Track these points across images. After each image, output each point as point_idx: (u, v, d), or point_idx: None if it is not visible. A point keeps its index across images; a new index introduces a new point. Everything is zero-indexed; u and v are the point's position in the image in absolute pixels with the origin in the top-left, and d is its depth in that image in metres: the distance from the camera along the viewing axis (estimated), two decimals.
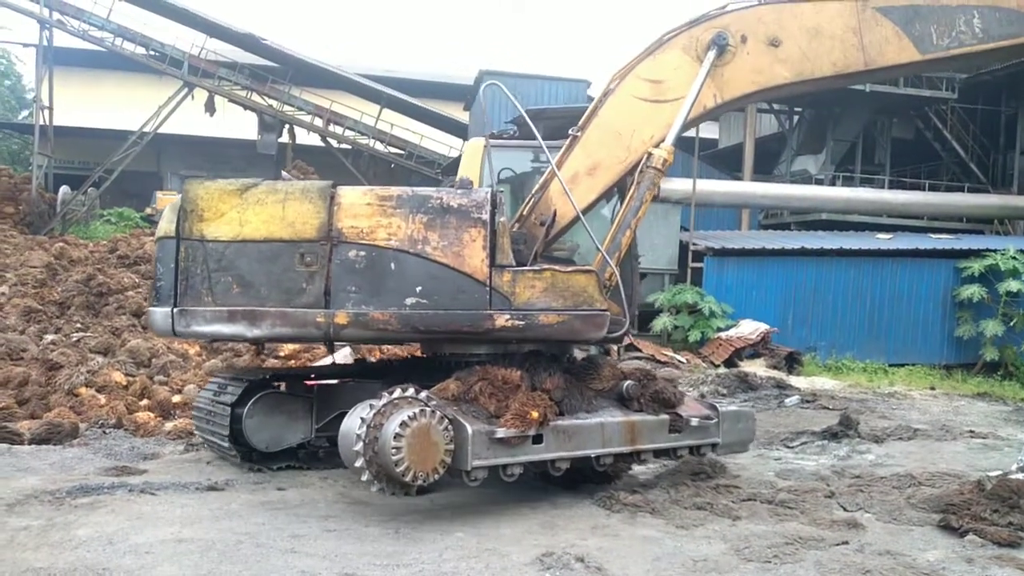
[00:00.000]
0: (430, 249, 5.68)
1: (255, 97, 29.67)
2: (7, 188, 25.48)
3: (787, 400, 11.94)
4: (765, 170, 27.85)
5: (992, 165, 28.34)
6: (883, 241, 19.72)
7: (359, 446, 5.15)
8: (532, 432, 5.57)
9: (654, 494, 6.38)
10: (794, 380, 14.21)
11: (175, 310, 5.74)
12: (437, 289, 5.67)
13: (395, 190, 5.88)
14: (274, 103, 29.89)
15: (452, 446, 5.31)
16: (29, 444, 7.64)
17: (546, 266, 6.04)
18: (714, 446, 6.75)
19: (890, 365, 17.30)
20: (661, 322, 16.93)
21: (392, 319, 5.63)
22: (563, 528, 5.53)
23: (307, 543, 4.95)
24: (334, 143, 30.48)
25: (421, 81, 37.03)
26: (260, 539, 5.01)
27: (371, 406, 5.27)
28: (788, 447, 8.68)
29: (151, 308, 5.99)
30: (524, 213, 6.76)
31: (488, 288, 5.73)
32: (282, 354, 11.81)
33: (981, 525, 5.63)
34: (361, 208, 5.73)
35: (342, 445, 5.51)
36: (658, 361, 14.88)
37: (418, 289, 5.65)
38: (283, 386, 6.90)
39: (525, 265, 5.98)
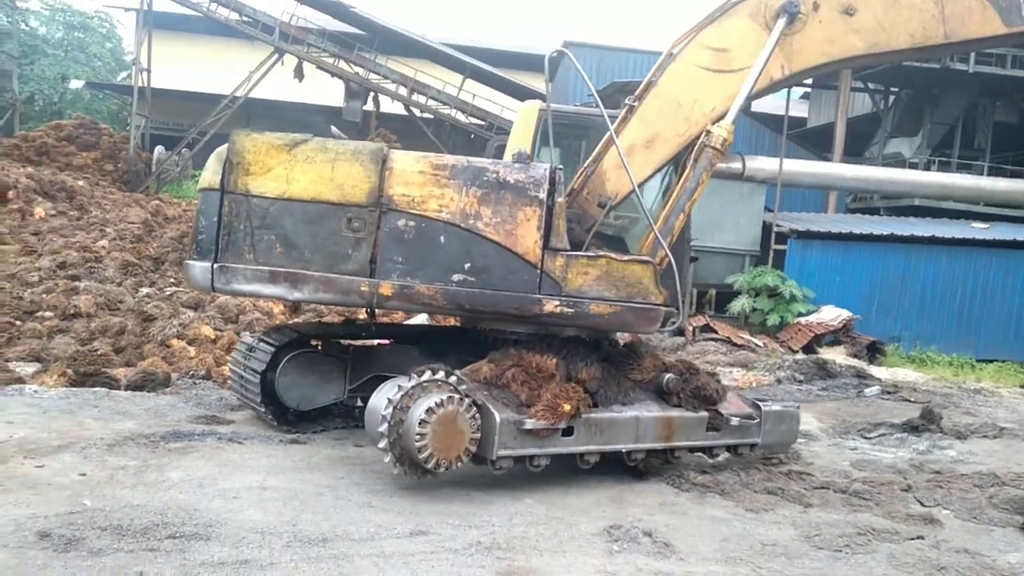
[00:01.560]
0: (482, 225, 5.51)
1: (342, 64, 30.15)
2: (107, 147, 26.69)
3: (867, 390, 11.62)
4: (856, 152, 26.84)
5: None
6: (979, 230, 18.83)
7: (384, 427, 5.07)
8: (563, 425, 5.45)
9: (724, 476, 6.35)
10: (875, 370, 13.81)
11: (215, 265, 5.59)
12: (486, 267, 5.52)
13: (450, 159, 5.70)
14: (360, 71, 30.31)
15: (478, 434, 5.22)
16: (126, 390, 8.11)
17: (602, 253, 5.81)
18: (753, 446, 6.54)
19: (978, 360, 16.60)
20: (739, 304, 16.64)
21: (438, 294, 5.51)
22: (631, 503, 5.58)
23: (383, 499, 5.14)
24: (417, 112, 30.77)
25: (504, 52, 36.94)
26: (339, 492, 5.22)
27: (399, 387, 5.17)
28: (865, 438, 8.48)
29: (190, 261, 5.78)
30: (576, 187, 6.45)
31: (539, 271, 5.56)
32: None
33: None
34: (414, 176, 5.57)
35: (368, 422, 5.46)
36: (734, 344, 14.68)
37: (466, 266, 5.51)
38: (319, 345, 6.82)
39: (576, 245, 5.75)
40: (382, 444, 5.10)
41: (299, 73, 29.58)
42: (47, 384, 8.03)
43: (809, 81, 27.65)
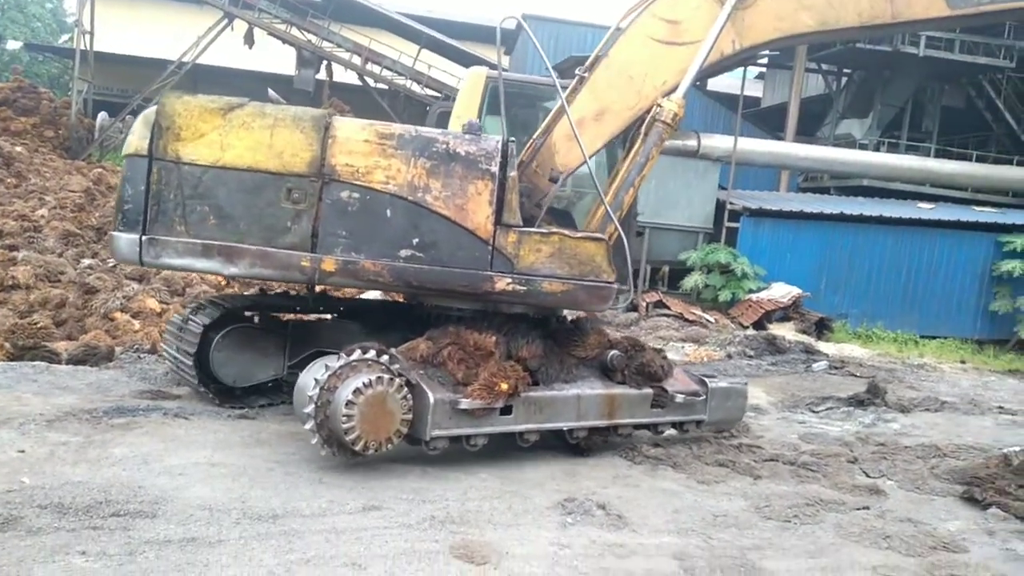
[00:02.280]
0: (431, 198, 5.31)
1: (294, 31, 29.37)
2: (47, 112, 25.66)
3: (815, 365, 11.87)
4: (809, 132, 27.19)
5: None
6: (924, 211, 19.29)
7: (310, 408, 4.91)
8: (500, 404, 5.33)
9: (676, 449, 6.42)
10: (823, 346, 14.10)
11: (144, 238, 5.24)
12: (435, 243, 5.33)
13: (397, 128, 5.44)
14: (313, 38, 29.58)
15: (410, 415, 5.07)
16: (66, 364, 7.85)
17: (555, 229, 5.66)
18: (699, 423, 6.54)
19: (921, 337, 17.09)
20: (692, 280, 16.80)
21: (384, 270, 5.31)
22: (585, 476, 5.60)
23: (334, 475, 5.06)
24: (371, 82, 30.24)
25: (462, 23, 36.44)
26: (289, 468, 5.13)
27: (326, 366, 5.01)
28: (813, 411, 8.66)
29: (115, 233, 5.37)
30: (525, 159, 6.23)
31: (491, 248, 5.40)
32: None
33: (1005, 499, 5.61)
34: (358, 144, 5.31)
35: (296, 401, 5.30)
36: (686, 320, 14.84)
37: (414, 241, 5.31)
38: (256, 319, 6.58)
39: (526, 220, 5.57)
40: (308, 425, 4.96)
41: (249, 39, 28.74)
42: None
43: (764, 61, 27.91)
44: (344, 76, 31.16)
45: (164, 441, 5.45)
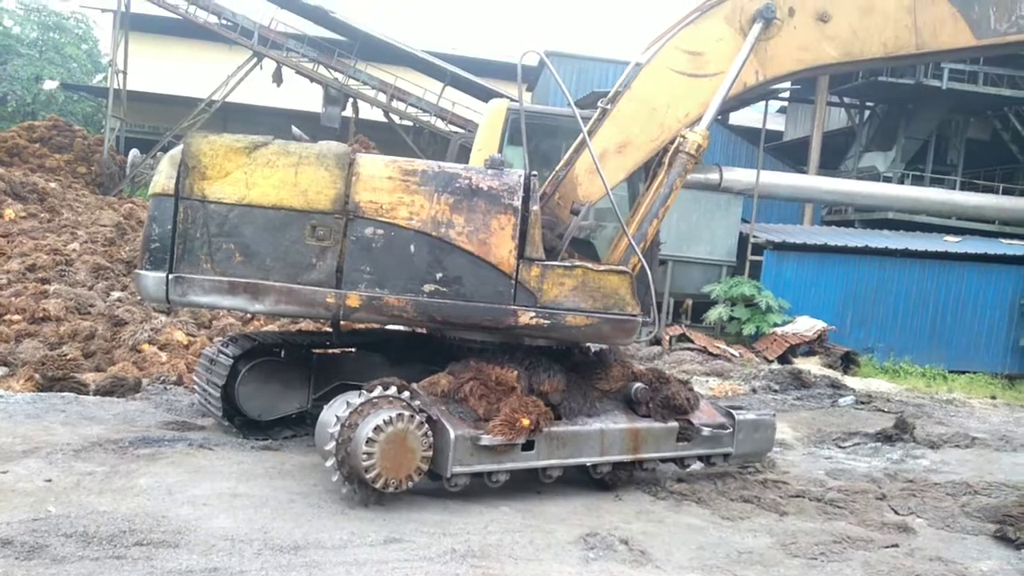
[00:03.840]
0: (454, 234, 5.31)
1: (321, 70, 29.98)
2: (81, 149, 26.31)
3: (841, 400, 11.70)
4: (831, 165, 27.14)
5: None
6: (951, 244, 19.09)
7: (331, 445, 4.91)
8: (522, 440, 5.28)
9: (700, 484, 6.35)
10: (849, 380, 13.91)
11: (170, 276, 5.27)
12: (458, 278, 5.33)
13: (420, 164, 5.48)
14: (339, 76, 30.17)
15: (430, 452, 5.05)
16: (94, 395, 7.94)
17: (578, 263, 5.66)
18: (726, 456, 6.45)
19: (950, 371, 16.79)
20: (716, 313, 16.71)
21: (408, 306, 5.31)
22: (608, 511, 5.55)
23: (357, 507, 5.06)
24: (396, 119, 30.69)
25: (485, 60, 36.98)
26: (311, 499, 5.14)
27: (347, 403, 5.02)
28: (840, 447, 8.53)
29: (141, 272, 5.38)
30: (547, 191, 6.25)
31: (514, 282, 5.39)
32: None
33: None
34: (382, 181, 5.34)
35: (318, 438, 5.32)
36: (710, 353, 14.72)
37: (438, 276, 5.32)
38: (281, 353, 6.65)
39: (548, 252, 5.57)
40: (330, 463, 4.96)
41: (277, 78, 29.37)
42: (13, 389, 7.84)
43: (786, 95, 27.98)
44: (370, 113, 31.69)
45: (189, 472, 5.49)
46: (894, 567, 4.88)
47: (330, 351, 6.94)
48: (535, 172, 5.61)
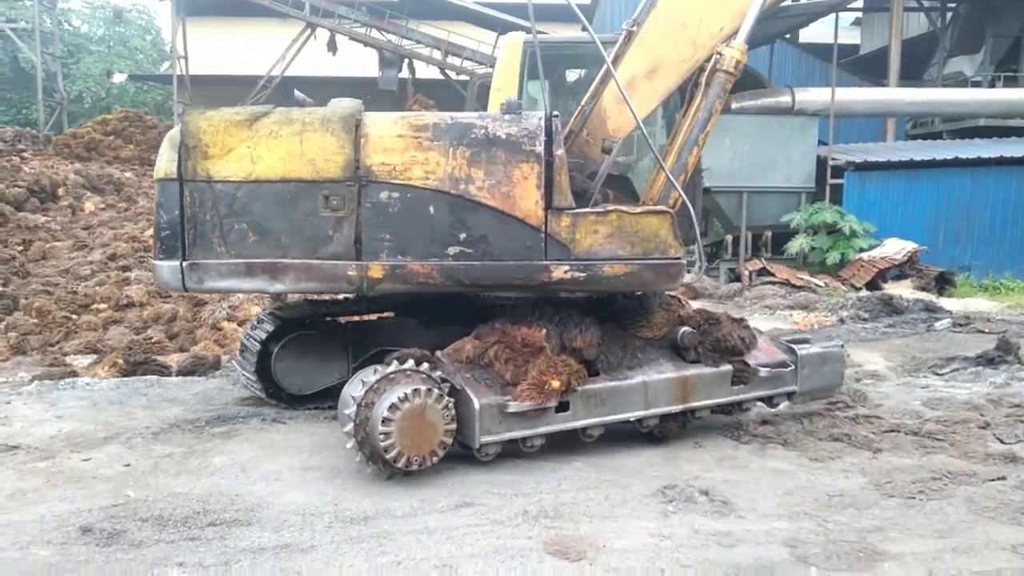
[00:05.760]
0: (475, 189, 4.96)
1: (374, 33, 29.86)
2: (152, 137, 27.00)
3: (937, 324, 11.07)
4: (914, 75, 25.50)
5: None
6: None
7: (349, 427, 4.74)
8: (553, 403, 4.99)
9: (786, 425, 6.06)
10: (945, 302, 13.17)
11: (184, 263, 5.08)
12: (484, 236, 5.00)
13: (431, 117, 5.09)
14: (393, 38, 30.00)
15: (453, 424, 4.82)
16: (176, 376, 8.14)
17: (611, 207, 5.22)
18: (791, 395, 6.02)
19: None
20: (797, 244, 16.03)
21: (433, 271, 5.02)
22: (686, 460, 5.33)
23: (426, 471, 4.98)
24: (453, 75, 30.37)
25: (538, 4, 36.12)
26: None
27: (363, 382, 4.79)
28: (937, 374, 8.04)
29: (156, 262, 5.20)
30: (574, 129, 5.83)
31: (543, 235, 5.02)
32: None
33: None
34: (392, 141, 4.99)
35: (340, 417, 5.08)
36: (793, 286, 14.17)
37: (462, 236, 4.99)
38: (315, 325, 6.55)
39: (578, 195, 5.19)
40: (350, 444, 4.80)
41: (332, 46, 29.42)
42: (99, 375, 8.12)
43: (860, 4, 26.32)
44: (426, 72, 31.47)
45: (262, 447, 5.53)
46: (1001, 503, 4.51)
47: (365, 318, 6.81)
48: (556, 112, 5.16)
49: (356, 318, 6.78)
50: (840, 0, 19.96)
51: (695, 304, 12.79)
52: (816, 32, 27.31)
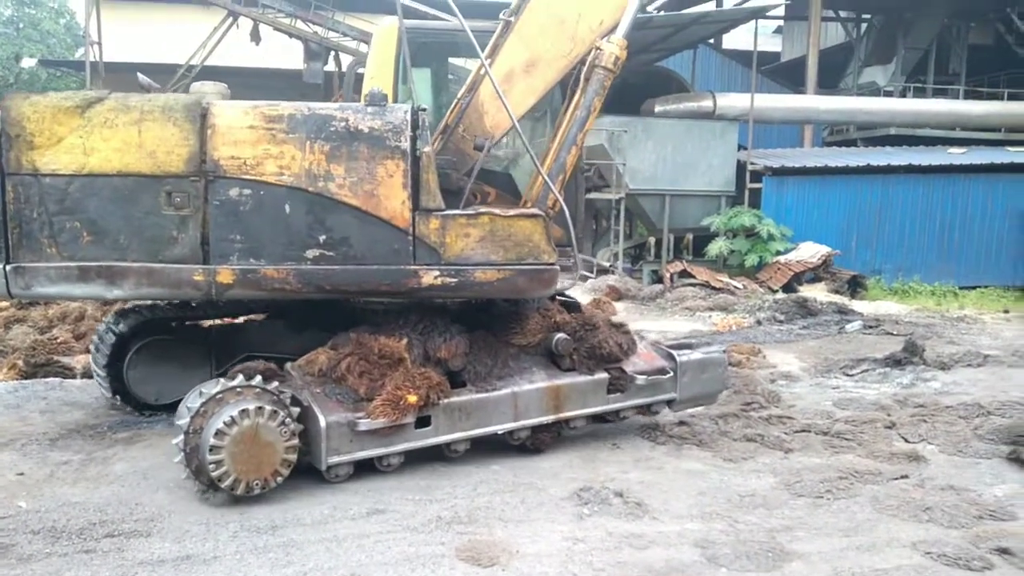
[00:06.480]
0: (335, 187, 4.59)
1: (299, 24, 29.17)
2: None
3: (848, 326, 11.46)
4: (831, 84, 26.37)
5: None
6: (956, 156, 18.58)
7: (180, 458, 4.37)
8: (409, 419, 4.71)
9: (702, 425, 6.15)
10: (857, 305, 13.66)
11: (7, 267, 4.53)
12: (346, 238, 4.64)
13: (287, 107, 4.66)
14: (318, 30, 29.37)
15: (294, 443, 4.47)
16: (81, 378, 7.75)
17: (483, 209, 4.92)
18: (670, 403, 5.88)
19: (960, 288, 16.49)
20: (716, 247, 16.38)
21: (290, 276, 4.64)
22: (604, 461, 5.35)
23: (339, 477, 4.85)
24: None
25: (464, 2, 35.97)
26: (294, 472, 4.92)
27: (187, 408, 4.43)
28: (848, 375, 8.31)
29: None
30: (450, 123, 5.47)
31: (411, 238, 4.70)
32: None
33: None
34: (243, 132, 4.57)
35: (174, 439, 4.60)
36: (713, 288, 14.46)
37: (322, 238, 4.62)
38: (174, 328, 6.05)
39: (454, 193, 4.88)
40: (185, 476, 4.45)
41: (255, 36, 28.55)
42: None
43: (780, 12, 27.09)
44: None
45: (166, 453, 5.25)
46: (903, 500, 4.67)
47: (230, 321, 6.35)
48: (423, 106, 4.89)
49: (219, 321, 6.30)
50: (761, 7, 20.48)
51: (619, 305, 12.94)
52: (739, 39, 28.00)
